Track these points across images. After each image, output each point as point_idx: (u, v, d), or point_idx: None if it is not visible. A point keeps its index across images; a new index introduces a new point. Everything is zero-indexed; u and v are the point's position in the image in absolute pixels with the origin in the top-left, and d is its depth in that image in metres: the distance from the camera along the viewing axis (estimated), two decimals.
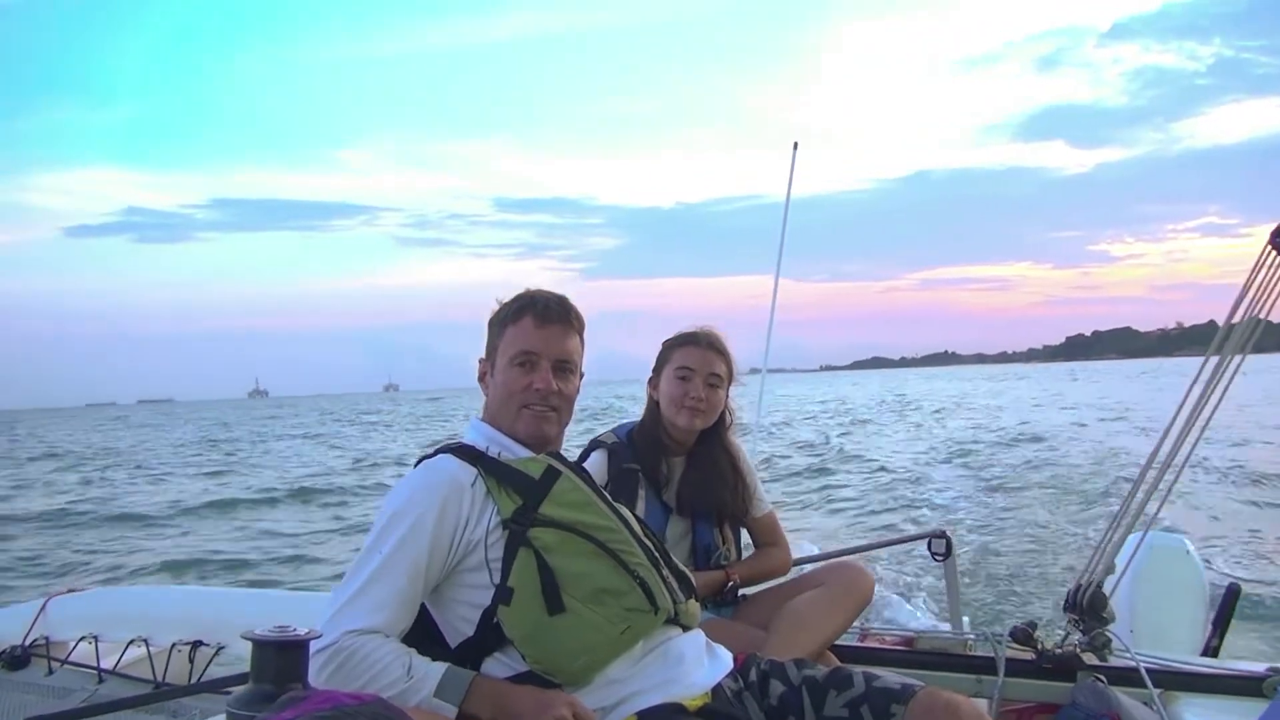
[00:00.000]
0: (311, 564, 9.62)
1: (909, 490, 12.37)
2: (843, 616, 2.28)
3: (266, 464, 23.51)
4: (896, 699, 1.58)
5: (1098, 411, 26.76)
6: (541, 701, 1.47)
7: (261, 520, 12.99)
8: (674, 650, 1.65)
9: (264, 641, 1.35)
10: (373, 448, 27.87)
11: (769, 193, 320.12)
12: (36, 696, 2.71)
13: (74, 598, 3.17)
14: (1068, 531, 8.74)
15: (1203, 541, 7.51)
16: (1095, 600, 2.38)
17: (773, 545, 2.58)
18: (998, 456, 15.80)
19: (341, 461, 23.02)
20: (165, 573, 9.31)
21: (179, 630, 2.88)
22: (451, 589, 1.64)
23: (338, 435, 37.09)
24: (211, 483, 18.68)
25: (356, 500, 14.82)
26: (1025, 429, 20.82)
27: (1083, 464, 13.62)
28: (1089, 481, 11.68)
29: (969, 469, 14.44)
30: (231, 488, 17.37)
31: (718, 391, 2.43)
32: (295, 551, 10.35)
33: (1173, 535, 3.33)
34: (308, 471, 20.29)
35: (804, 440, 21.81)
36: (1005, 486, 12.07)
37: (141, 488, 18.35)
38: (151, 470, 22.71)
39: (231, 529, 12.28)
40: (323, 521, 12.71)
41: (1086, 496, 10.61)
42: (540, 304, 1.79)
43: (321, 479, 18.07)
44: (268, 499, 15.30)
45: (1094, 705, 2.09)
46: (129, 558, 10.22)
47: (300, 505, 14.65)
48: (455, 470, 1.66)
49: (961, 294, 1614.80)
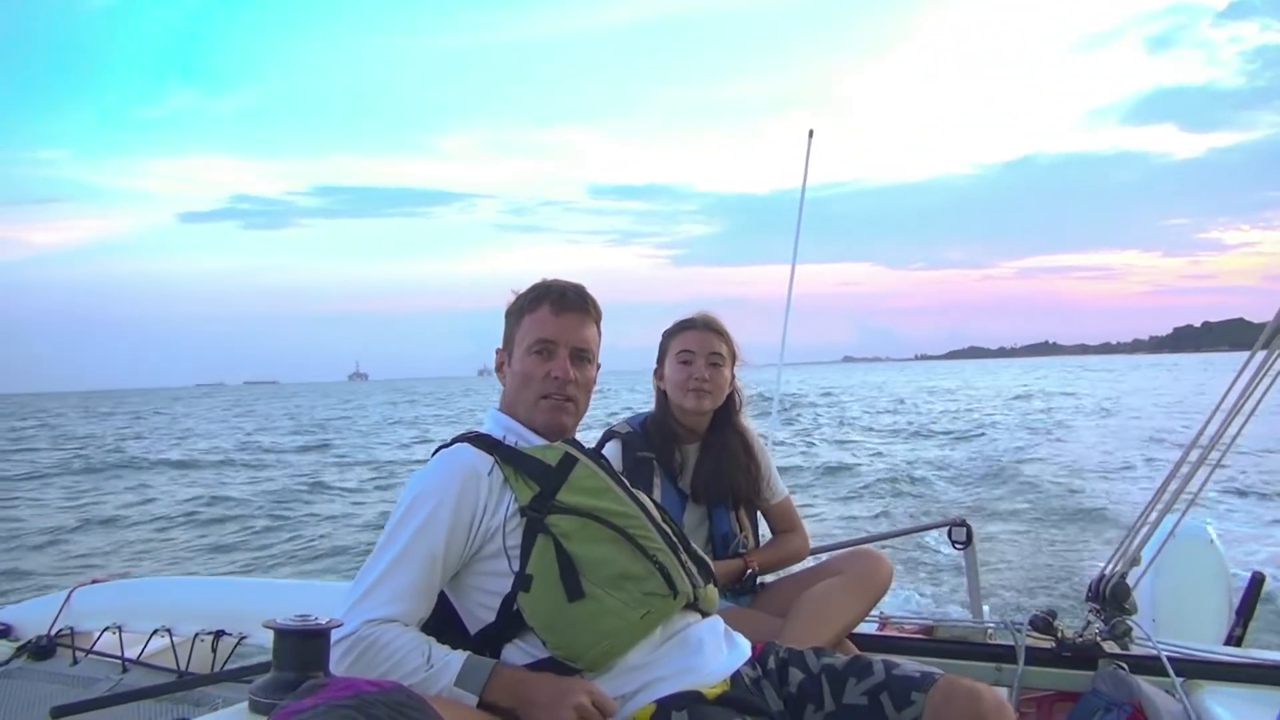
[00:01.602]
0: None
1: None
2: (861, 604, 2.27)
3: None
4: (917, 687, 1.57)
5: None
6: (561, 689, 1.47)
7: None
8: (693, 637, 1.65)
9: (285, 630, 1.36)
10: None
11: (866, 177, 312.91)
12: (62, 686, 2.75)
13: (98, 588, 3.21)
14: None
15: (1226, 529, 7.45)
16: (1118, 591, 2.36)
17: (790, 531, 2.59)
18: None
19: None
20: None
21: (201, 620, 2.91)
22: (471, 577, 1.65)
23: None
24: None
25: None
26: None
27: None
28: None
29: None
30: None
31: (721, 371, 2.44)
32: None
33: (1196, 523, 3.29)
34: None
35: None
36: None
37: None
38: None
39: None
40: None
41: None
42: (557, 292, 1.79)
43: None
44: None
45: (1115, 694, 2.08)
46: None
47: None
48: (472, 459, 1.67)
49: (1064, 282, 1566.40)
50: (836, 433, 22.66)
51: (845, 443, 19.67)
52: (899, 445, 18.87)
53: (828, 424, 25.44)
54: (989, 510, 10.16)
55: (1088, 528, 8.88)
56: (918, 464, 15.28)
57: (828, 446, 18.79)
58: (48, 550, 10.48)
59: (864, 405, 35.65)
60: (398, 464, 19.30)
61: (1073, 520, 9.39)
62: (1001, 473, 13.44)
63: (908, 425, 24.68)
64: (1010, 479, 12.57)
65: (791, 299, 3.87)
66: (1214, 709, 1.99)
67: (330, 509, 13.00)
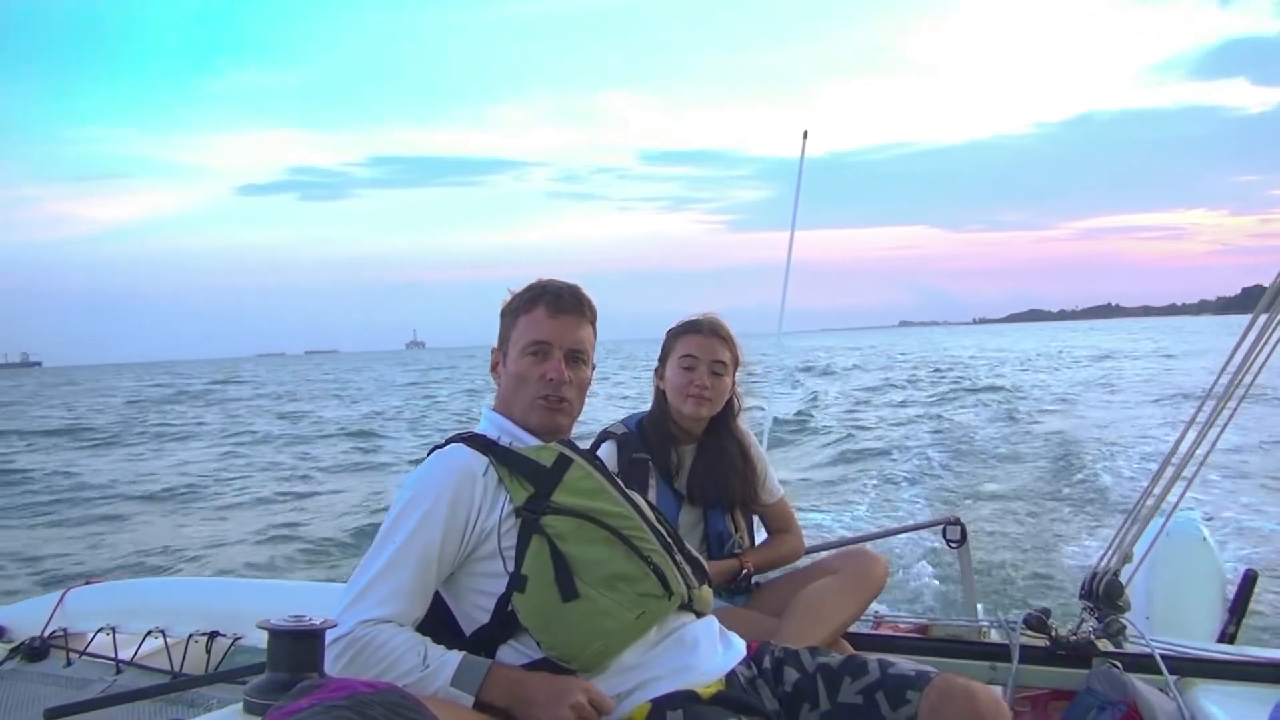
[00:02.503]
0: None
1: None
2: (856, 604, 2.27)
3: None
4: (912, 685, 1.57)
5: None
6: (559, 688, 1.48)
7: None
8: (688, 637, 1.65)
9: (280, 631, 1.35)
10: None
11: (920, 140, 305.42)
12: (55, 687, 2.74)
13: (92, 589, 3.20)
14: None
15: (1219, 524, 7.47)
16: (1111, 588, 2.37)
17: (785, 531, 2.59)
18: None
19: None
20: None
21: (196, 621, 2.90)
22: (466, 577, 1.65)
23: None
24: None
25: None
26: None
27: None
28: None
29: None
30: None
31: (723, 379, 2.43)
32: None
33: (1189, 520, 3.30)
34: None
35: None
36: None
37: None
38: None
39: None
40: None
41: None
42: (553, 293, 1.79)
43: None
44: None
45: (1110, 692, 2.08)
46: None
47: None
48: (467, 459, 1.67)
49: (1127, 243, 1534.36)
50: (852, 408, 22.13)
51: (858, 419, 19.24)
52: (908, 422, 18.65)
53: (841, 400, 24.77)
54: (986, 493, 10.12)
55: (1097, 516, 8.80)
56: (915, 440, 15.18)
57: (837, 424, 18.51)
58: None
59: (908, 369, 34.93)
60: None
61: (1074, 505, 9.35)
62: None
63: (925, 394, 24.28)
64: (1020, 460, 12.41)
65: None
66: (1208, 707, 1.99)
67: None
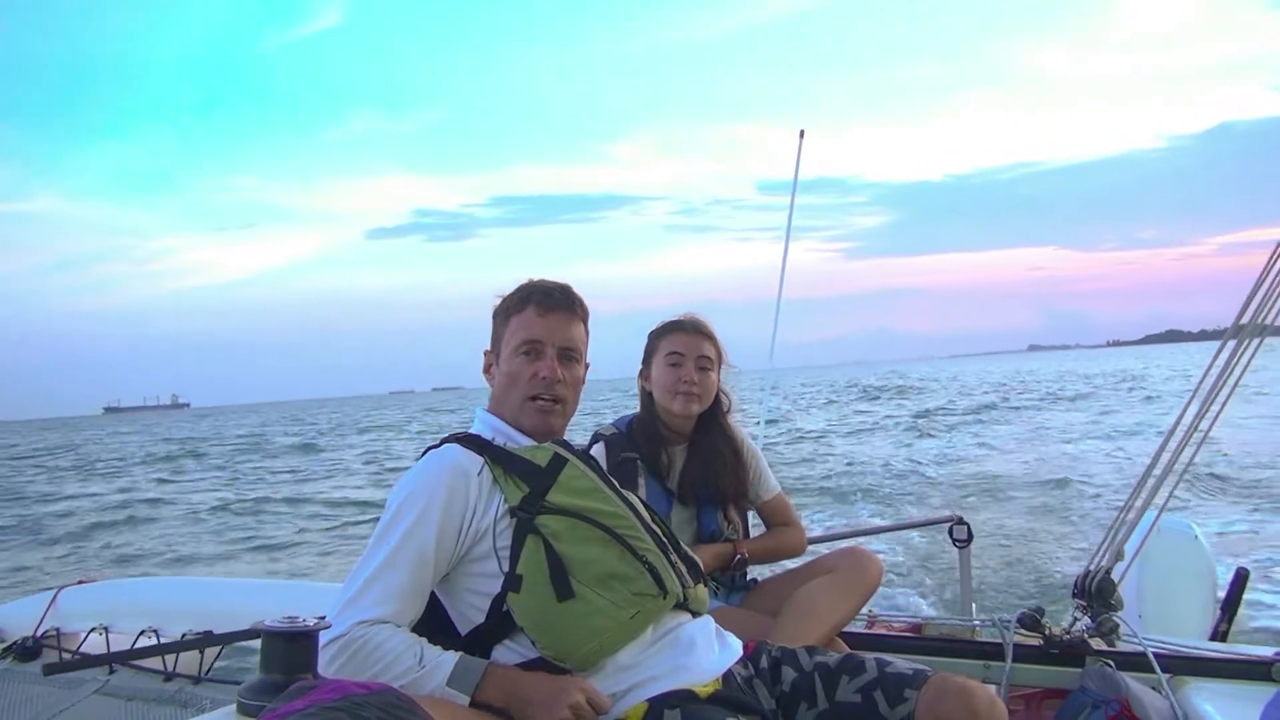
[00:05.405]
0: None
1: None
2: (852, 603, 2.27)
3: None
4: (909, 684, 1.58)
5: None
6: (556, 687, 1.47)
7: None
8: (684, 636, 1.65)
9: (273, 632, 1.35)
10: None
11: (1045, 159, 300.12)
12: (47, 688, 2.72)
13: (84, 589, 3.19)
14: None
15: (1209, 523, 7.49)
16: (1104, 586, 2.38)
17: (785, 525, 2.58)
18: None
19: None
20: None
21: (189, 621, 2.89)
22: (461, 577, 1.64)
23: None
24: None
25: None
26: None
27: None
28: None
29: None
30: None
31: (709, 374, 2.44)
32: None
33: (1180, 520, 3.32)
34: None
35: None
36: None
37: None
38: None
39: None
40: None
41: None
42: (543, 292, 1.79)
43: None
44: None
45: (1103, 690, 2.09)
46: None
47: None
48: (461, 459, 1.66)
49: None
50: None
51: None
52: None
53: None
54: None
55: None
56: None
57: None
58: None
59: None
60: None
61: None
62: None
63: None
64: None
65: (781, 302, 3.89)
66: (1200, 705, 2.00)
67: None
